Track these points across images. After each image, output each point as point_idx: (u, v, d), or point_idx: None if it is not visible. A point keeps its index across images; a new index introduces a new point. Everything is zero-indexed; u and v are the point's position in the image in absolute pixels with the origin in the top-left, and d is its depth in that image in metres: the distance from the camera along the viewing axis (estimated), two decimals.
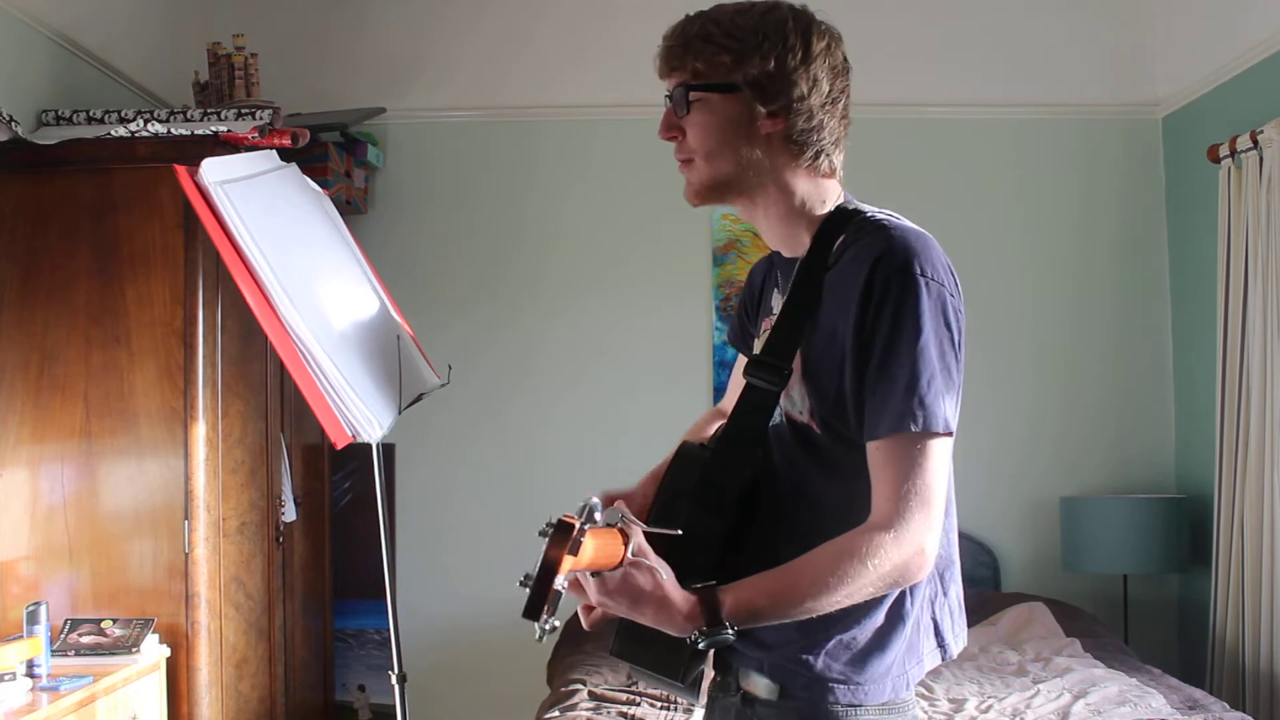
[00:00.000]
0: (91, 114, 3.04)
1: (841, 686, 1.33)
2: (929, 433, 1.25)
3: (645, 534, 1.27)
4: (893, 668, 1.35)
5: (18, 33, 3.01)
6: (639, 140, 4.18)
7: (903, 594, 1.34)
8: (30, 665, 2.50)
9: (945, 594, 1.41)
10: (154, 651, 2.74)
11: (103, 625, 2.74)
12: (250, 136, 2.92)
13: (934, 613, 1.40)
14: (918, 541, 1.25)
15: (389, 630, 2.32)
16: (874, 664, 1.33)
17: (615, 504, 1.35)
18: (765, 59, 1.34)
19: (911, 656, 1.37)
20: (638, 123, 4.08)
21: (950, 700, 2.93)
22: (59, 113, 3.06)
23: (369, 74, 4.09)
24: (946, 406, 1.27)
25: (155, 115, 2.98)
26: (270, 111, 3.06)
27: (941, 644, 1.42)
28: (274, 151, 2.57)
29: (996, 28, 4.11)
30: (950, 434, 1.28)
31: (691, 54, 1.36)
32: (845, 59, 1.40)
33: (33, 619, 2.56)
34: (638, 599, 1.25)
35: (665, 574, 1.25)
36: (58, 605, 2.79)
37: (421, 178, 4.15)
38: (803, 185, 1.40)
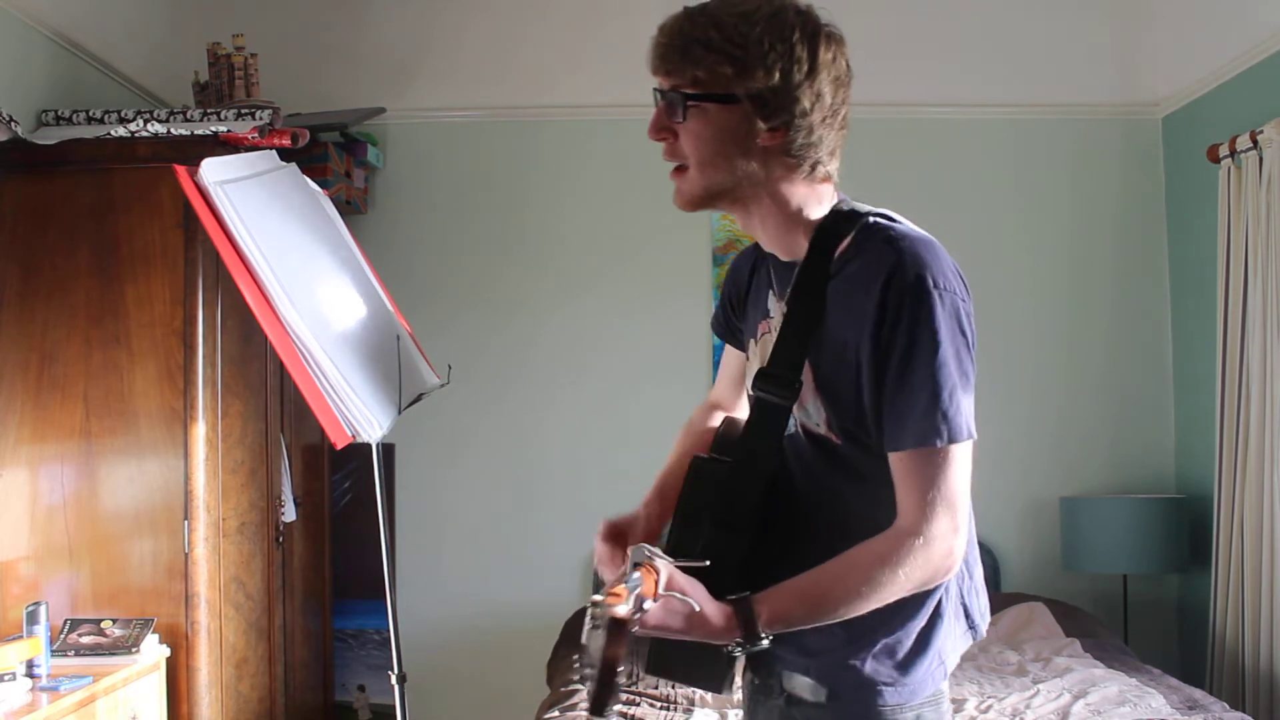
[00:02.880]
0: (91, 114, 3.04)
1: (889, 689, 1.36)
2: (953, 443, 1.27)
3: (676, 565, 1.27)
4: (933, 662, 1.38)
5: (18, 33, 3.01)
6: (639, 139, 4.15)
7: (940, 592, 1.36)
8: (30, 665, 2.49)
9: (971, 577, 1.44)
10: (154, 651, 2.74)
11: (102, 625, 2.74)
12: (250, 136, 2.92)
13: (963, 597, 1.43)
14: (945, 545, 1.27)
15: (389, 630, 2.32)
16: (919, 664, 1.37)
17: (640, 544, 1.30)
18: (769, 73, 1.28)
19: (948, 644, 1.40)
20: (638, 122, 4.05)
21: (950, 700, 2.93)
22: (59, 113, 3.06)
23: (369, 74, 4.09)
24: (967, 414, 1.28)
25: (155, 115, 2.98)
26: (270, 111, 3.06)
27: (972, 625, 1.45)
28: (274, 151, 2.57)
29: (996, 28, 4.11)
30: (973, 438, 1.29)
31: (691, 60, 1.30)
32: (848, 66, 1.35)
33: (33, 619, 2.56)
34: (685, 624, 1.25)
35: (697, 597, 1.25)
36: (58, 605, 2.78)
37: (421, 178, 4.15)
38: (799, 193, 1.37)
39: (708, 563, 1.29)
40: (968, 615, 1.45)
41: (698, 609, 1.24)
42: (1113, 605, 3.91)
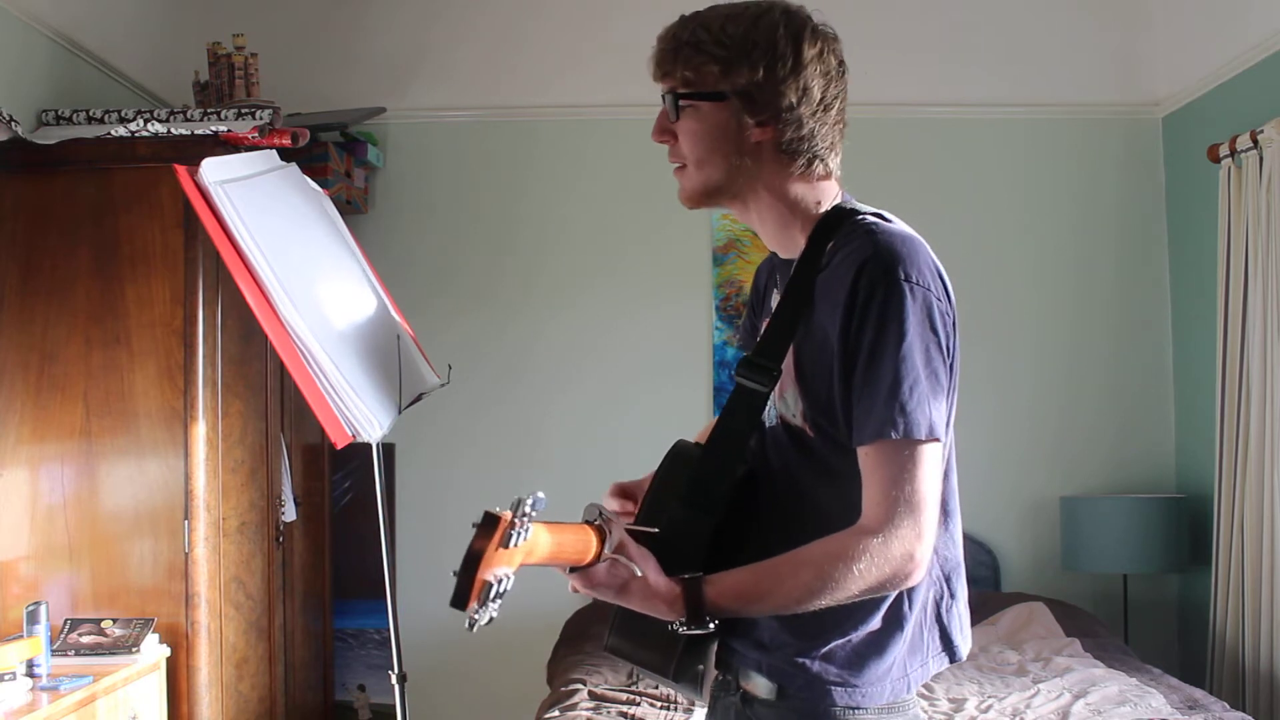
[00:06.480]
0: (91, 114, 3.04)
1: (839, 689, 1.33)
2: (912, 440, 1.25)
3: (628, 531, 1.29)
4: (892, 670, 1.35)
5: (18, 33, 3.01)
6: (639, 139, 4.16)
7: (900, 598, 1.34)
8: (30, 665, 2.49)
9: (954, 597, 1.41)
10: (154, 651, 2.74)
11: (103, 625, 2.74)
12: (250, 136, 2.92)
13: (940, 616, 1.40)
14: (906, 547, 1.24)
15: (389, 630, 2.32)
16: (871, 667, 1.34)
17: (592, 503, 1.34)
18: (754, 69, 1.33)
19: (914, 659, 1.37)
20: (637, 122, 4.05)
21: (950, 700, 2.93)
22: (59, 113, 3.06)
23: (369, 74, 4.09)
24: (931, 412, 1.26)
25: (155, 115, 2.98)
26: (270, 111, 3.06)
27: (949, 647, 1.41)
28: (274, 151, 2.57)
29: (997, 28, 4.11)
30: (936, 440, 1.27)
31: (681, 61, 1.35)
32: (840, 63, 1.38)
33: (33, 619, 2.56)
34: (622, 589, 1.27)
35: (644, 567, 1.27)
36: (58, 605, 2.79)
37: (421, 177, 4.15)
38: (796, 189, 1.39)
39: (656, 530, 1.31)
40: (945, 636, 1.41)
41: (639, 574, 1.26)
42: (1113, 605, 3.91)
